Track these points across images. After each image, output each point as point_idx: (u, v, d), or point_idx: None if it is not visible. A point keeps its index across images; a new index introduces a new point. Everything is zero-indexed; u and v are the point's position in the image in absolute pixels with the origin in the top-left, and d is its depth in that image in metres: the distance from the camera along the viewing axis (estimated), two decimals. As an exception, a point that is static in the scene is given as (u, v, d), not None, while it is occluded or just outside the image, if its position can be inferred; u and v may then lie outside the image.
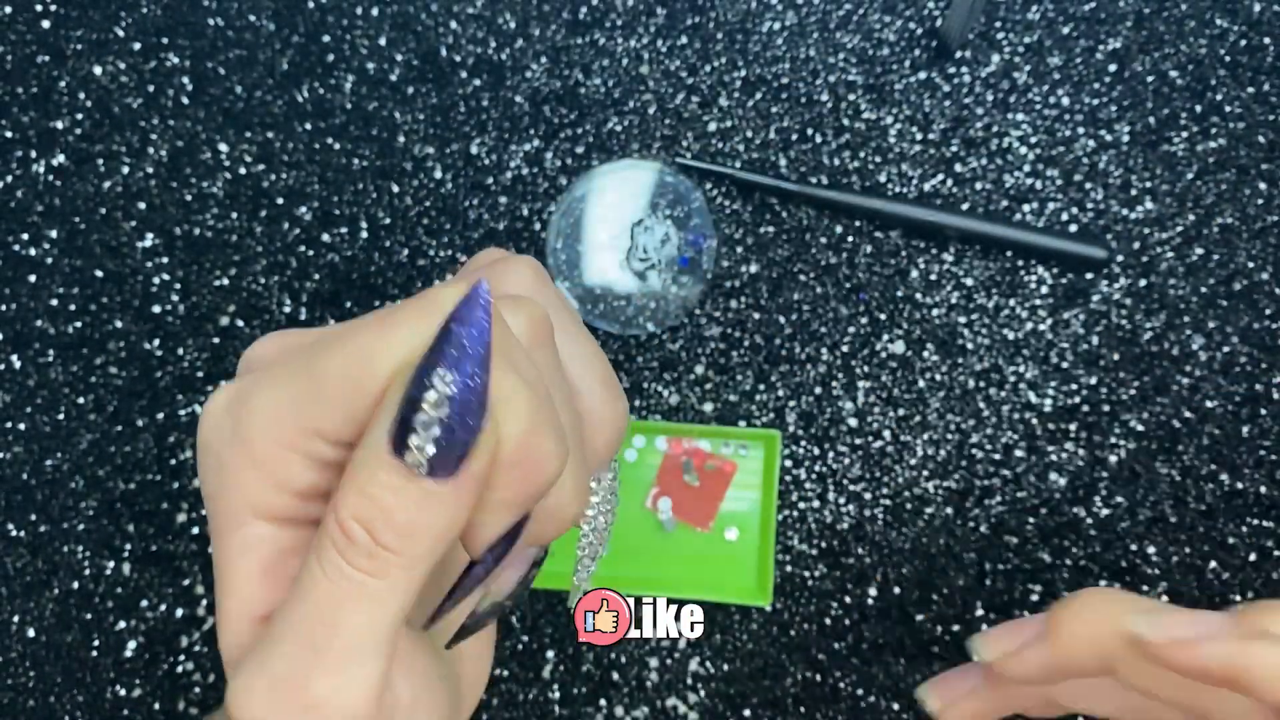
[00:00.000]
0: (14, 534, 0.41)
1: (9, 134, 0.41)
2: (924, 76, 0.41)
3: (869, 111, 0.41)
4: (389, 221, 0.41)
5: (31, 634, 0.40)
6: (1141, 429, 0.40)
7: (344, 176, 0.41)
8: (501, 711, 0.40)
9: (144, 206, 0.41)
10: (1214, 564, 0.39)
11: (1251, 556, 0.39)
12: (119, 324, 0.41)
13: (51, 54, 0.41)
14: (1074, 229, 0.40)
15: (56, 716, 0.40)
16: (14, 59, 0.41)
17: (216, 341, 0.41)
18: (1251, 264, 0.40)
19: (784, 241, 0.40)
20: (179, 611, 0.40)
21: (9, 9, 0.42)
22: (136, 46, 0.41)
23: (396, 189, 0.41)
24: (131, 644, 0.40)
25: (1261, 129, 0.40)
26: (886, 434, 0.40)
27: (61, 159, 0.41)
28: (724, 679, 0.39)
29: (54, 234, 0.41)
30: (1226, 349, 0.40)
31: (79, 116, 0.41)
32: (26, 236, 0.41)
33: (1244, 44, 0.41)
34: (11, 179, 0.41)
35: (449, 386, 0.19)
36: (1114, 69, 0.41)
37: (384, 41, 0.41)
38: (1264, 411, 0.39)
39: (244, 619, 0.23)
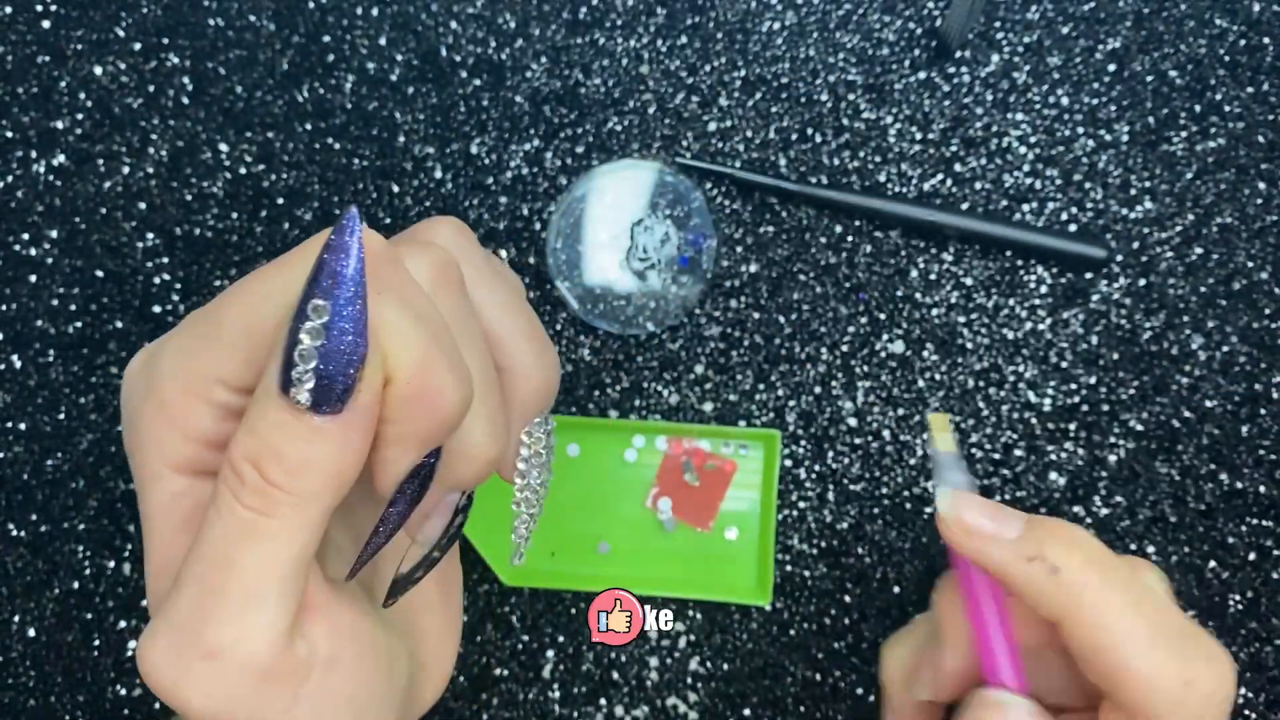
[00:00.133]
0: (14, 534, 0.41)
1: (9, 134, 0.41)
2: (924, 76, 0.41)
3: (869, 111, 0.41)
4: (389, 221, 0.41)
5: (32, 634, 0.40)
6: (1141, 429, 0.40)
7: (344, 176, 0.41)
8: (501, 711, 0.40)
9: (144, 206, 0.41)
10: (1213, 563, 0.39)
11: (1251, 556, 0.39)
12: (119, 324, 0.41)
13: (52, 54, 0.42)
14: (1073, 229, 0.40)
15: (57, 716, 0.40)
16: (14, 59, 0.41)
17: (217, 341, 0.41)
18: (1251, 263, 0.40)
19: (784, 241, 0.40)
20: (179, 611, 0.40)
21: (9, 9, 0.42)
22: (137, 46, 0.41)
23: (397, 189, 0.41)
24: (132, 644, 0.40)
25: (1261, 129, 0.40)
26: (886, 434, 0.40)
27: (62, 159, 0.41)
28: (724, 678, 0.39)
29: (54, 234, 0.41)
30: (1226, 348, 0.40)
31: (79, 116, 0.41)
32: (27, 236, 0.41)
33: (1243, 44, 0.41)
34: (12, 179, 0.41)
35: (323, 315, 0.19)
36: (1113, 69, 0.41)
37: (384, 41, 0.41)
38: (1263, 411, 0.40)
39: (165, 573, 0.23)
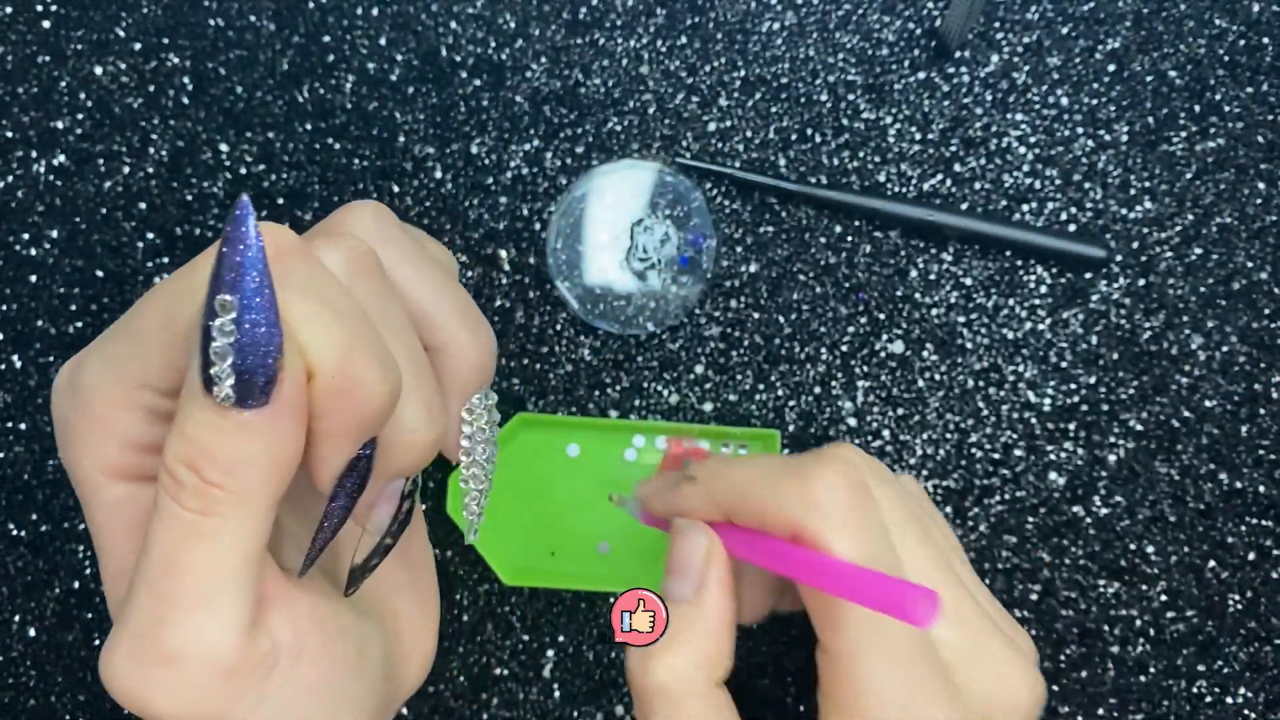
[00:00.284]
0: (15, 533, 0.41)
1: (10, 134, 0.41)
2: (923, 76, 0.41)
3: (868, 111, 0.41)
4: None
5: (32, 633, 0.40)
6: (1140, 428, 0.40)
7: (345, 177, 0.41)
8: (501, 710, 0.40)
9: (145, 207, 0.41)
10: (1213, 563, 0.39)
11: (1250, 555, 0.39)
12: (120, 324, 0.41)
13: (52, 54, 0.42)
14: (1073, 229, 0.40)
15: (58, 716, 0.40)
16: (14, 59, 0.42)
17: (217, 341, 0.41)
18: (1250, 263, 0.40)
19: (783, 241, 0.40)
20: (180, 611, 0.40)
21: (9, 9, 0.42)
22: (137, 47, 0.41)
23: (397, 189, 0.41)
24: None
25: (1260, 129, 0.40)
26: (886, 433, 0.40)
27: (62, 159, 0.41)
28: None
29: (55, 234, 0.41)
30: (1225, 348, 0.40)
31: (80, 116, 0.41)
32: (27, 236, 0.41)
33: (1243, 44, 0.41)
34: (12, 179, 0.41)
35: (231, 310, 0.19)
36: (1113, 69, 0.41)
37: (384, 42, 0.41)
38: (1263, 411, 0.40)
39: (120, 581, 0.23)
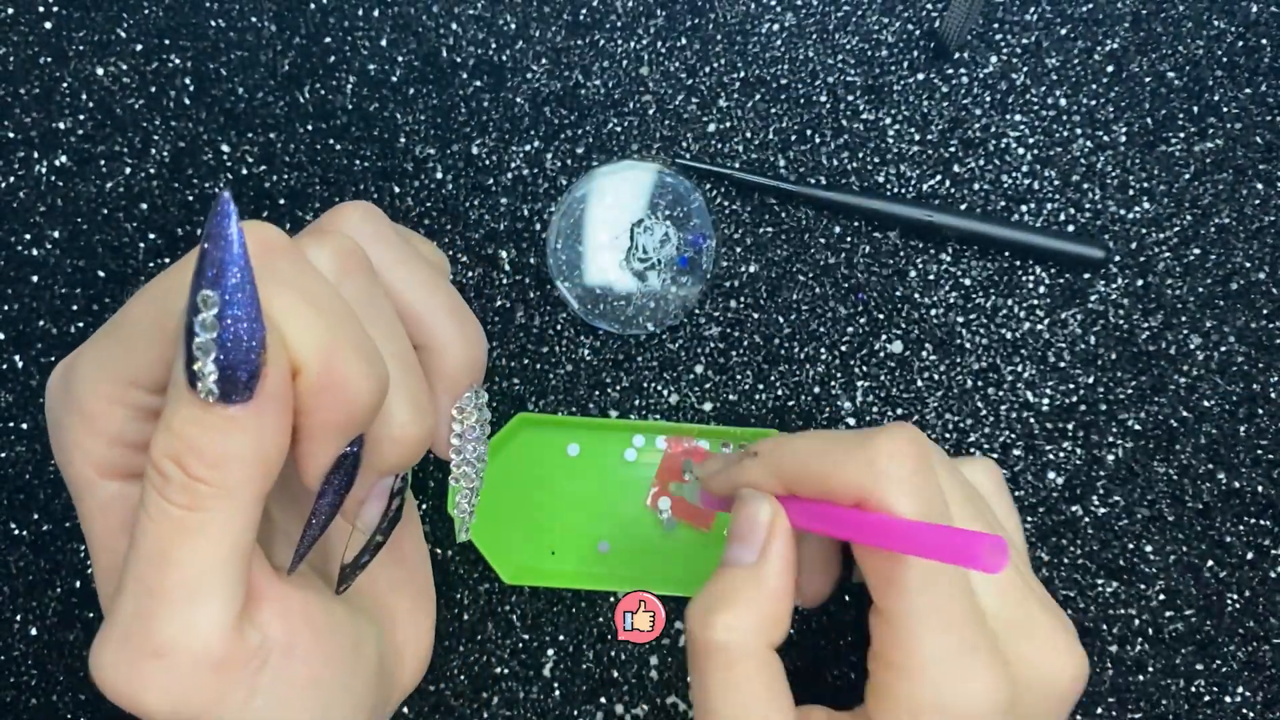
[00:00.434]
0: (16, 533, 0.41)
1: (11, 134, 0.41)
2: (922, 77, 0.41)
3: (867, 112, 0.41)
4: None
5: (34, 633, 0.41)
6: (1139, 428, 0.40)
7: (345, 178, 0.41)
8: (502, 710, 0.40)
9: (146, 207, 0.41)
10: (1211, 562, 0.39)
11: (1248, 555, 0.39)
12: (121, 324, 0.41)
13: (53, 55, 0.42)
14: (1071, 229, 0.40)
15: (59, 715, 0.41)
16: (16, 60, 0.42)
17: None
18: (1249, 264, 0.40)
19: (783, 242, 0.41)
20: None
21: (11, 10, 0.42)
22: (138, 48, 0.42)
23: (398, 190, 0.41)
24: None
25: (1259, 130, 0.40)
26: (885, 433, 0.40)
27: (64, 159, 0.41)
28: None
29: (56, 234, 0.41)
30: (1224, 348, 0.40)
31: (81, 117, 0.41)
32: (29, 237, 0.41)
33: (1241, 45, 0.41)
34: (14, 179, 0.41)
35: (213, 305, 0.19)
36: (1111, 70, 0.41)
37: (385, 43, 0.41)
38: (1261, 411, 0.40)
39: (112, 578, 0.23)
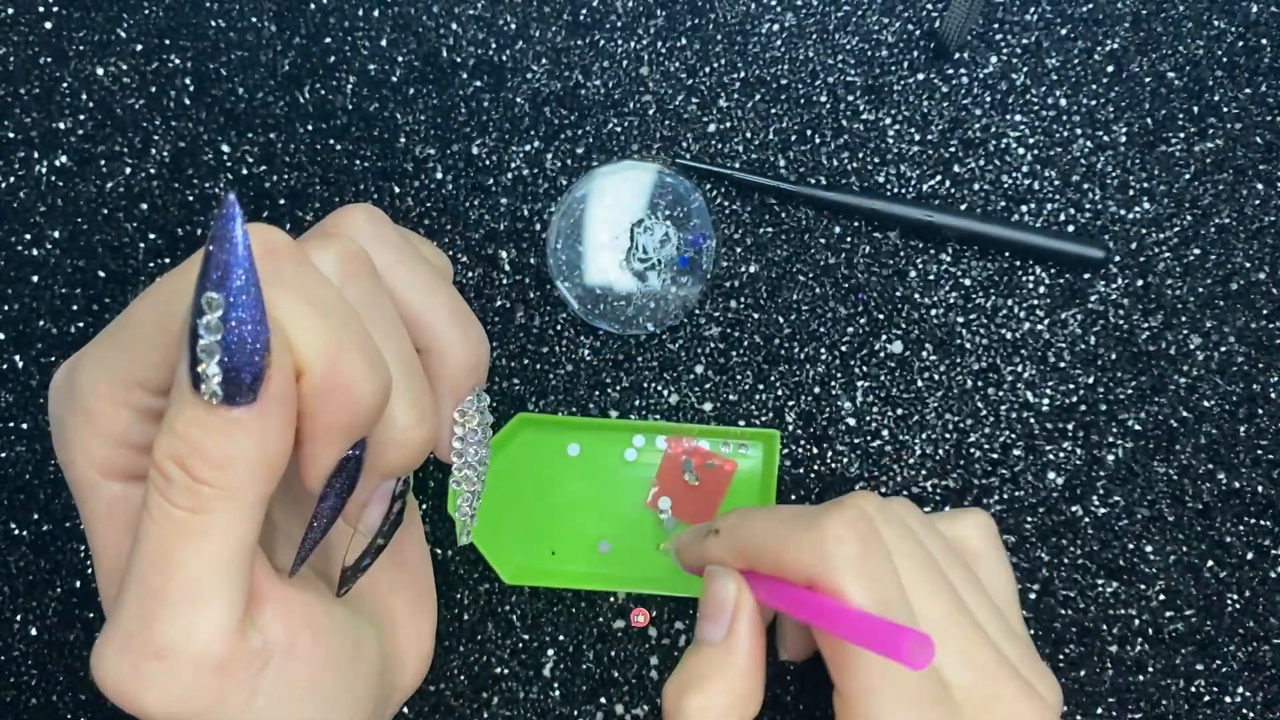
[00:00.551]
0: (17, 533, 0.41)
1: (11, 134, 0.41)
2: (922, 78, 0.41)
3: (867, 112, 0.41)
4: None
5: (34, 633, 0.41)
6: (1139, 428, 0.40)
7: (346, 178, 0.41)
8: (502, 710, 0.40)
9: (146, 207, 0.41)
10: (1211, 563, 0.39)
11: (1248, 555, 0.39)
12: (121, 324, 0.41)
13: (54, 55, 0.42)
14: (1071, 229, 0.40)
15: (59, 715, 0.41)
16: (16, 60, 0.42)
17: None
18: (1248, 264, 0.40)
19: (783, 242, 0.41)
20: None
21: (11, 10, 0.42)
22: (139, 48, 0.42)
23: (398, 190, 0.41)
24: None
25: (1259, 130, 0.40)
26: (885, 433, 0.40)
27: (64, 159, 0.41)
28: None
29: (56, 234, 0.41)
30: (1224, 348, 0.40)
31: (81, 117, 0.41)
32: (29, 237, 0.41)
33: (1241, 45, 0.41)
34: (14, 179, 0.41)
35: (218, 307, 0.19)
36: (1111, 70, 0.41)
37: (385, 43, 0.41)
38: (1261, 411, 0.40)
39: (114, 579, 0.23)
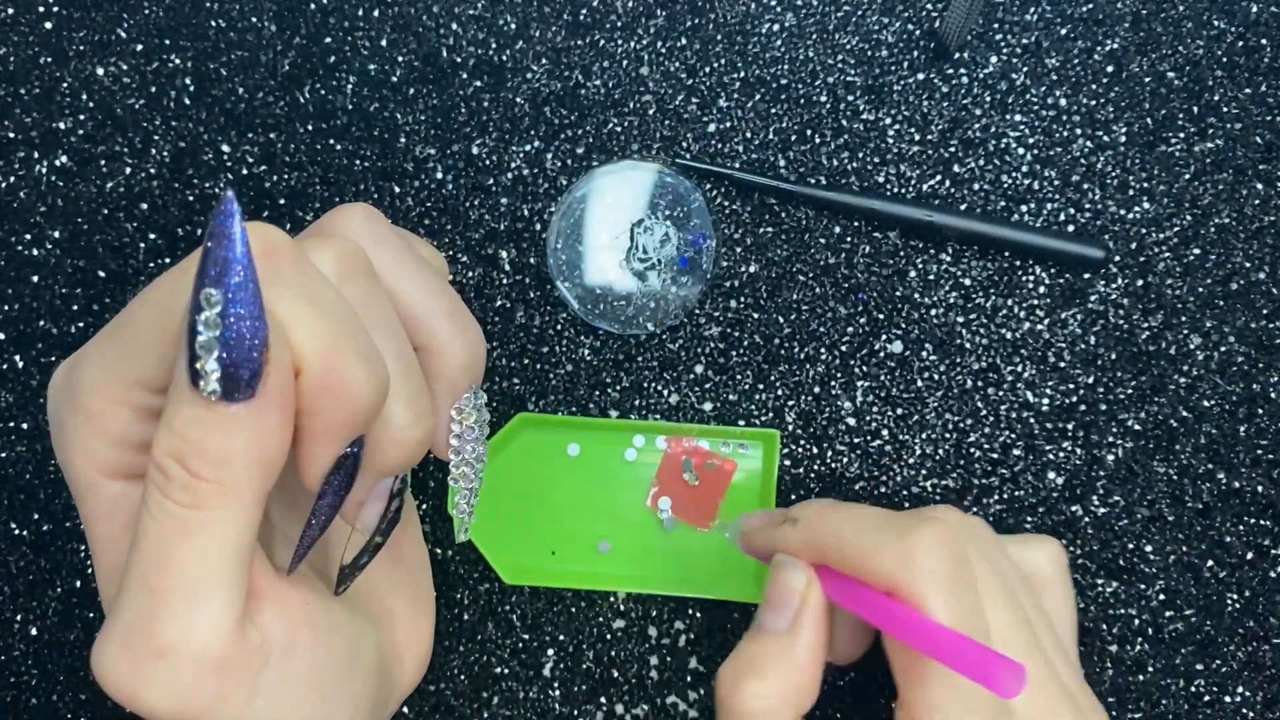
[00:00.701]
0: (17, 533, 0.41)
1: (12, 134, 0.41)
2: (922, 78, 0.41)
3: (867, 112, 0.41)
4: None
5: (34, 633, 0.41)
6: (1139, 428, 0.40)
7: (346, 178, 0.41)
8: (502, 709, 0.40)
9: (146, 207, 0.41)
10: (1211, 562, 0.39)
11: (1248, 555, 0.39)
12: (121, 324, 0.41)
13: (54, 55, 0.42)
14: (1071, 229, 0.40)
15: (59, 715, 0.41)
16: (16, 60, 0.42)
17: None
18: (1248, 264, 0.40)
19: (783, 242, 0.41)
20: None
21: (11, 10, 0.42)
22: (139, 48, 0.42)
23: (398, 190, 0.41)
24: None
25: (1258, 130, 0.40)
26: (885, 433, 0.40)
27: (64, 159, 0.41)
28: None
29: (56, 234, 0.41)
30: (1224, 348, 0.40)
31: (81, 117, 0.41)
32: (29, 237, 0.41)
33: (1241, 45, 0.41)
34: (14, 179, 0.41)
35: (216, 303, 0.19)
36: (1111, 70, 0.41)
37: (385, 43, 0.41)
38: (1261, 411, 0.40)
39: (114, 578, 0.23)
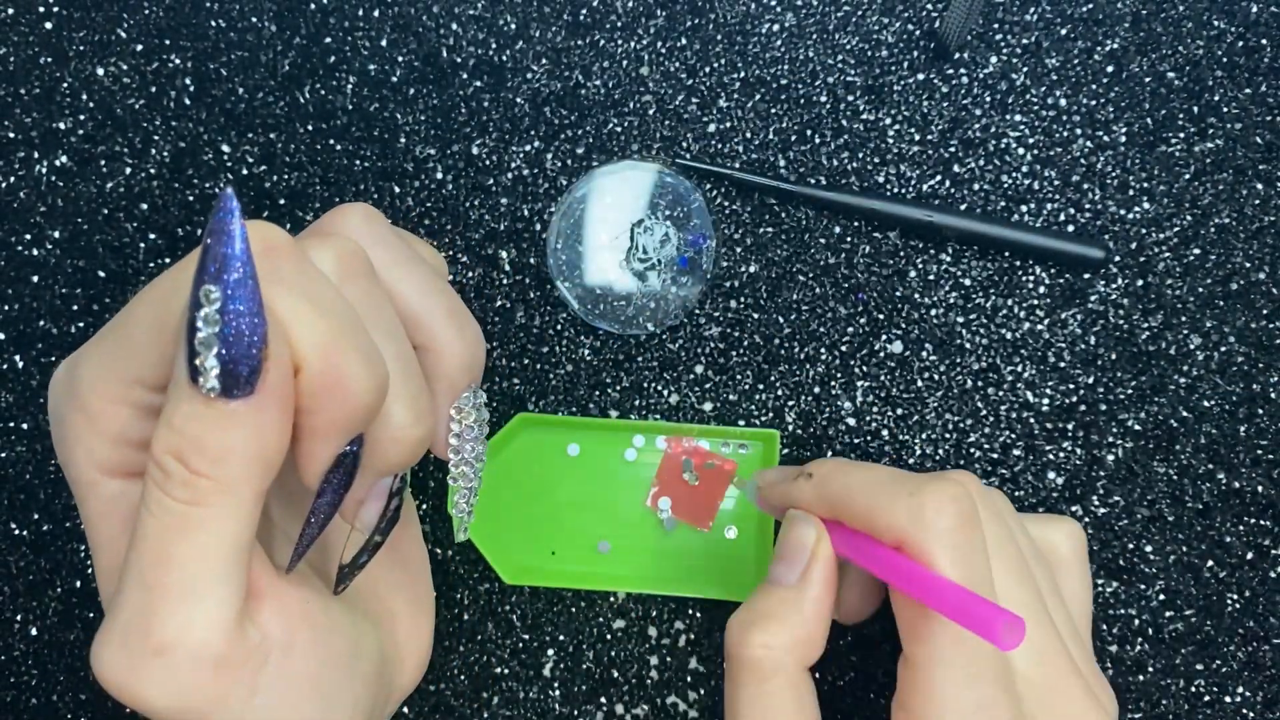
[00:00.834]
0: (17, 533, 0.41)
1: (12, 135, 0.41)
2: (922, 78, 0.41)
3: (867, 112, 0.41)
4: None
5: (34, 633, 0.41)
6: (1139, 428, 0.40)
7: (346, 178, 0.41)
8: (502, 709, 0.40)
9: (146, 207, 0.41)
10: (1211, 562, 0.39)
11: (1248, 555, 0.39)
12: (121, 324, 0.41)
13: (54, 55, 0.42)
14: (1071, 229, 0.40)
15: (59, 715, 0.41)
16: (16, 60, 0.42)
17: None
18: (1248, 264, 0.40)
19: (783, 242, 0.41)
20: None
21: (11, 10, 0.42)
22: (139, 48, 0.42)
23: (398, 190, 0.41)
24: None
25: (1258, 130, 0.40)
26: (885, 433, 0.40)
27: (64, 159, 0.41)
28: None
29: (56, 234, 0.41)
30: (1224, 348, 0.40)
31: (81, 117, 0.41)
32: (29, 237, 0.41)
33: (1241, 45, 0.41)
34: (14, 179, 0.41)
35: (215, 300, 0.19)
36: (1111, 70, 0.41)
37: (385, 43, 0.41)
38: (1261, 411, 0.40)
39: (113, 576, 0.23)
